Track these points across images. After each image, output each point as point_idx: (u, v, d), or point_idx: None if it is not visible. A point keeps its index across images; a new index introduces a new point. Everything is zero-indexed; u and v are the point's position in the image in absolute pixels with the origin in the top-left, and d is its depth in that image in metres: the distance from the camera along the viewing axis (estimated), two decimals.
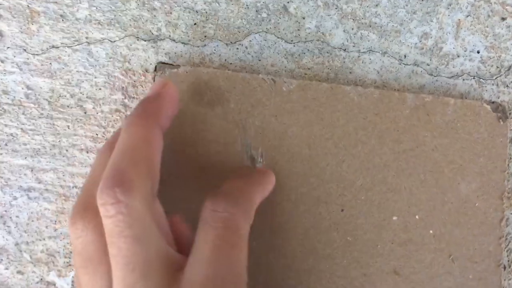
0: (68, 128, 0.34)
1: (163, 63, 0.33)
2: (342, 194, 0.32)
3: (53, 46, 0.34)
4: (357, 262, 0.32)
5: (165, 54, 0.34)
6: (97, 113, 0.34)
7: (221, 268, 0.24)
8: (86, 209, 0.25)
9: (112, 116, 0.34)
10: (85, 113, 0.34)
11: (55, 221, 0.33)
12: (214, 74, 0.32)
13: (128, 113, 0.34)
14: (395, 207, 0.32)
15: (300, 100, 0.33)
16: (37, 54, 0.34)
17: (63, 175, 0.34)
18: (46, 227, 0.33)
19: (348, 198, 0.32)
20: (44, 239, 0.33)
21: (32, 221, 0.33)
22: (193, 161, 0.32)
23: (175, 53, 0.34)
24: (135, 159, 0.24)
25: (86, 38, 0.34)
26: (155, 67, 0.33)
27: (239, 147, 0.32)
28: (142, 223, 0.23)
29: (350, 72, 0.35)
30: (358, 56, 0.35)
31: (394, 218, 0.32)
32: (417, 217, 0.32)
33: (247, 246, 0.26)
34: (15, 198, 0.33)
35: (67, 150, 0.34)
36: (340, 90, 0.33)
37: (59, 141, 0.34)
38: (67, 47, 0.34)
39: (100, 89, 0.34)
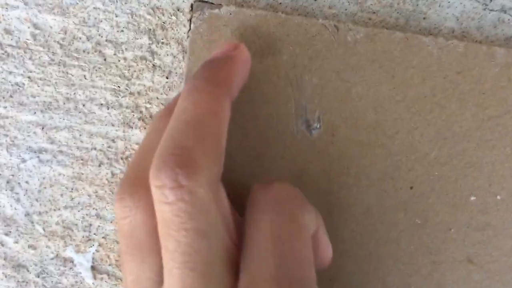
0: (85, 78, 0.28)
1: (201, 0, 0.27)
2: (412, 168, 0.27)
3: None
4: (425, 248, 0.27)
5: None
6: (119, 61, 0.28)
7: (287, 265, 0.20)
8: (137, 185, 0.21)
9: (137, 64, 0.28)
10: (104, 60, 0.28)
11: (72, 189, 0.28)
12: (264, 18, 0.26)
13: (156, 61, 0.28)
14: (474, 185, 0.27)
15: (368, 53, 0.27)
16: None
17: (80, 135, 0.28)
18: (61, 195, 0.28)
19: (419, 173, 0.27)
20: (59, 209, 0.28)
21: (45, 188, 0.28)
22: (236, 124, 0.26)
23: None
24: (201, 135, 0.20)
25: None
26: (191, 6, 0.27)
27: (292, 109, 0.27)
28: (206, 215, 0.19)
29: (424, 18, 0.29)
30: None
31: (472, 198, 0.27)
32: (498, 197, 0.27)
33: (311, 245, 0.21)
34: (24, 161, 0.28)
35: (83, 105, 0.28)
36: (416, 42, 0.27)
37: (74, 93, 0.28)
38: None
39: (122, 31, 0.28)
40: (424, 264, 0.27)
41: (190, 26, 0.26)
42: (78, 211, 0.28)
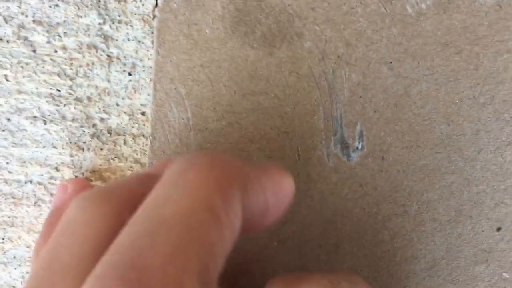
0: (7, 80, 0.19)
1: None
2: (501, 202, 0.18)
3: None
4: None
5: None
6: (56, 52, 0.19)
7: None
8: None
9: (84, 56, 0.19)
10: (33, 51, 0.19)
11: (3, 239, 0.20)
12: None
13: (113, 50, 0.19)
14: None
15: (438, 30, 0.17)
16: None
17: (7, 163, 0.19)
18: None
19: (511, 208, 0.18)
20: None
21: None
22: (237, 149, 0.17)
23: None
24: None
25: None
26: None
27: (321, 123, 0.17)
28: None
29: None
30: None
31: None
32: None
33: None
34: None
35: (8, 119, 0.19)
36: None
37: None
38: None
39: (56, 5, 0.18)
40: None
41: (156, 0, 0.16)
42: (15, 268, 0.20)
